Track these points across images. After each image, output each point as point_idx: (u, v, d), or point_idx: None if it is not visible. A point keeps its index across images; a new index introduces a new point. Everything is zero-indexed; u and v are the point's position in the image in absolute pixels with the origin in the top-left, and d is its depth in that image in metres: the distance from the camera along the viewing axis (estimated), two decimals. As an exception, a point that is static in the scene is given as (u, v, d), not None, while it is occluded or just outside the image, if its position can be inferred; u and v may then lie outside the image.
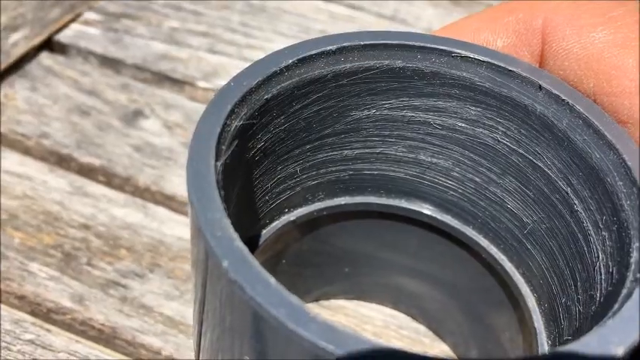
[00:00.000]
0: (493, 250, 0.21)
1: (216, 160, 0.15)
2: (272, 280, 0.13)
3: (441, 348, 0.26)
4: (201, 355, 0.18)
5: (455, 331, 0.25)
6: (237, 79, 0.17)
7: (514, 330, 0.21)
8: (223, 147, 0.16)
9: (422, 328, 0.26)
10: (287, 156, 0.20)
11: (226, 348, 0.15)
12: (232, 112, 0.16)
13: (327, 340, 0.12)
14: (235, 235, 0.13)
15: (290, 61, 0.18)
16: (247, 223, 0.20)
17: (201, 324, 0.17)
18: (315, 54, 0.18)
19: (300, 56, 0.18)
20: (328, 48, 0.18)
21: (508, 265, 0.21)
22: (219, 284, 0.14)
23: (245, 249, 0.13)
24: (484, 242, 0.21)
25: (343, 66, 0.18)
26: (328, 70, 0.18)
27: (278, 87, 0.17)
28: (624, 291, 0.14)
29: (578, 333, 0.17)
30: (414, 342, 0.26)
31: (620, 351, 0.12)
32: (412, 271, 0.24)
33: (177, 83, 0.35)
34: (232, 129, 0.16)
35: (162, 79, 0.36)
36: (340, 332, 0.12)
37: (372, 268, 0.25)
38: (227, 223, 0.14)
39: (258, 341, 0.14)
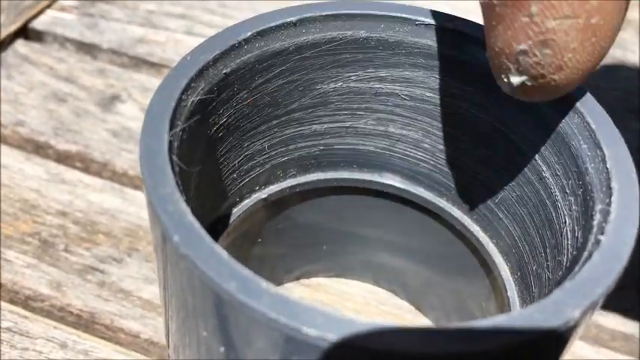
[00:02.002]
0: (467, 221, 0.21)
1: (171, 135, 0.15)
2: (224, 253, 0.13)
3: (422, 323, 0.26)
4: (170, 339, 0.18)
5: (436, 306, 0.25)
6: (195, 53, 0.17)
7: (490, 300, 0.21)
8: (179, 122, 0.15)
9: (404, 303, 0.26)
10: (253, 132, 0.20)
11: (192, 328, 0.15)
12: (189, 86, 0.16)
13: (280, 312, 0.12)
14: (187, 210, 0.13)
15: (249, 33, 0.17)
16: (215, 201, 0.20)
17: (167, 308, 0.16)
18: (275, 26, 0.18)
19: (260, 29, 0.17)
20: (289, 19, 0.18)
21: (482, 236, 0.21)
22: (176, 264, 0.14)
23: (196, 223, 0.13)
24: (457, 213, 0.21)
25: (305, 38, 0.18)
26: (290, 43, 0.18)
27: (237, 61, 0.17)
28: (585, 254, 0.14)
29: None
30: (396, 317, 0.26)
31: (576, 313, 0.12)
32: (390, 245, 0.24)
33: (154, 67, 0.35)
34: (189, 104, 0.16)
35: (140, 63, 0.35)
36: (293, 304, 0.12)
37: (350, 245, 0.25)
38: (179, 197, 0.13)
39: (215, 317, 0.13)
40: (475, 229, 0.21)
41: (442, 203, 0.21)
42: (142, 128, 0.15)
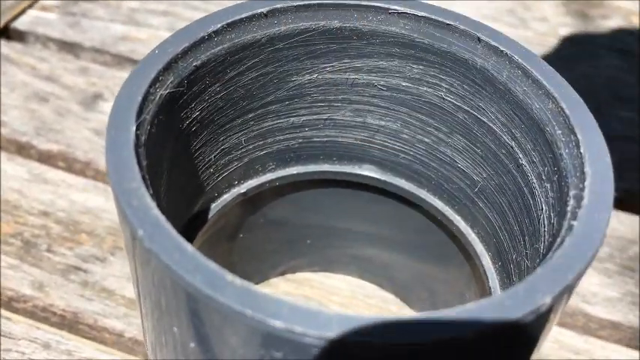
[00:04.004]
0: (448, 212, 0.21)
1: (137, 129, 0.14)
2: (189, 247, 0.12)
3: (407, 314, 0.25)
4: (147, 338, 0.17)
5: (421, 297, 0.25)
6: (163, 46, 0.16)
7: (472, 290, 0.21)
8: (147, 116, 0.15)
9: (389, 296, 0.26)
10: (229, 126, 0.19)
11: (164, 325, 0.15)
12: (157, 79, 0.16)
13: (245, 304, 0.12)
14: (153, 204, 0.13)
15: (219, 25, 0.17)
16: (193, 196, 0.20)
17: (141, 307, 0.16)
18: (245, 17, 0.17)
19: (230, 20, 0.17)
20: (259, 11, 0.17)
21: (463, 225, 0.21)
22: (143, 259, 0.13)
23: (162, 217, 0.13)
24: (438, 204, 0.21)
25: (277, 29, 0.18)
26: (262, 34, 0.18)
27: (208, 53, 0.17)
28: (559, 240, 0.14)
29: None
30: (382, 310, 0.26)
31: (547, 299, 0.12)
32: (373, 238, 0.24)
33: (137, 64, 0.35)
34: (157, 97, 0.16)
35: (123, 60, 0.35)
36: (258, 296, 0.12)
37: (334, 239, 0.25)
38: (144, 192, 0.13)
39: (184, 312, 0.13)
40: (456, 218, 0.21)
41: (423, 194, 0.21)
42: (108, 122, 0.14)
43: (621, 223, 0.30)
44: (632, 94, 0.36)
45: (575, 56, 0.38)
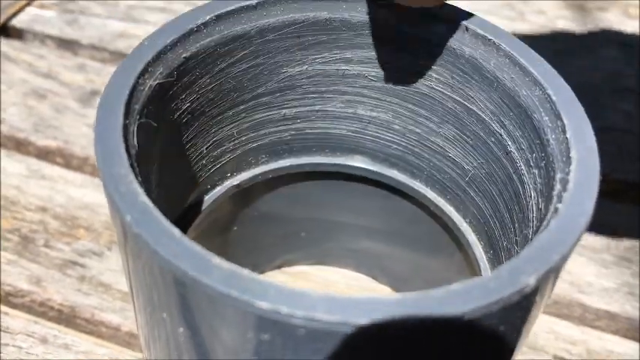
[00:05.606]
0: (440, 202, 0.21)
1: (126, 118, 0.15)
2: (177, 231, 0.13)
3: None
4: (140, 331, 0.18)
5: (416, 288, 0.25)
6: (152, 38, 0.16)
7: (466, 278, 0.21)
8: (136, 106, 0.15)
9: (384, 288, 0.26)
10: (220, 117, 0.19)
11: (154, 313, 0.15)
12: (146, 70, 0.16)
13: (231, 286, 0.12)
14: (140, 190, 0.13)
15: (207, 17, 0.17)
16: (185, 188, 0.20)
17: (133, 299, 0.16)
18: (234, 9, 0.17)
19: (218, 12, 0.17)
20: (248, 3, 0.18)
21: (455, 215, 0.21)
22: (132, 246, 0.13)
23: (149, 203, 0.13)
24: (431, 194, 0.21)
25: (267, 21, 0.18)
26: (251, 26, 0.18)
27: (197, 45, 0.17)
28: (544, 223, 0.14)
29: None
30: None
31: (532, 280, 0.12)
32: (367, 230, 0.24)
33: (135, 62, 0.35)
34: (147, 88, 0.16)
35: (120, 57, 0.35)
36: (244, 278, 0.12)
37: (328, 232, 0.25)
38: (132, 178, 0.13)
39: (172, 297, 0.13)
40: (449, 209, 0.21)
41: (415, 185, 0.21)
42: (97, 111, 0.15)
43: (619, 213, 0.30)
44: (631, 86, 0.36)
45: (574, 49, 0.38)
